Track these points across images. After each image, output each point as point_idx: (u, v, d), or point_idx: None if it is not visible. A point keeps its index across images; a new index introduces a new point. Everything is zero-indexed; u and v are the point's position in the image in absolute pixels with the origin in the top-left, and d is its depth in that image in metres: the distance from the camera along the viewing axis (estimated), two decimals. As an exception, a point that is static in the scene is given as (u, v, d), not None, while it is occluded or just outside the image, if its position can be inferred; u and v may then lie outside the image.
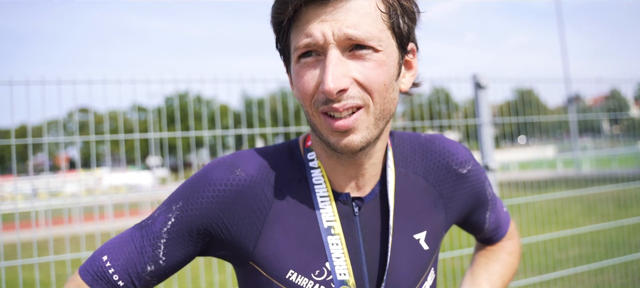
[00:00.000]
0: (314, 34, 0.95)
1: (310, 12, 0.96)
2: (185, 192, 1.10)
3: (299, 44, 0.98)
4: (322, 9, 0.95)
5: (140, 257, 1.07)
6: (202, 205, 1.07)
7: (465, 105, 7.68)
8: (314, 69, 0.99)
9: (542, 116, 4.37)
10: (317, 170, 1.13)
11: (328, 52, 0.96)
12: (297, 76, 1.01)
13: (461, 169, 1.24)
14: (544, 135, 5.83)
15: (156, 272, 1.08)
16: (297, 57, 1.00)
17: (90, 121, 3.47)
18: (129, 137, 3.01)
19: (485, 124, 3.45)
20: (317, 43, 0.96)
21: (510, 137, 5.52)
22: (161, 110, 29.73)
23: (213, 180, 1.09)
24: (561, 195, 4.73)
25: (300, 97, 1.02)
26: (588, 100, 34.74)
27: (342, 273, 1.06)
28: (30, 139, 2.78)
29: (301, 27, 0.97)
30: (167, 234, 1.07)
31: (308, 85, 0.99)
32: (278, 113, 3.36)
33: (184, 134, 3.10)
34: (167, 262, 1.08)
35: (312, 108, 1.01)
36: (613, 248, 6.57)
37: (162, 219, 1.09)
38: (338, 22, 0.95)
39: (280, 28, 1.02)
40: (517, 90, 6.00)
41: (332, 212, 1.10)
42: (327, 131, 1.01)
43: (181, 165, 3.47)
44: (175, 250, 1.08)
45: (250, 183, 1.09)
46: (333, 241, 1.08)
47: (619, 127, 13.47)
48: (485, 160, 3.46)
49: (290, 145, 1.20)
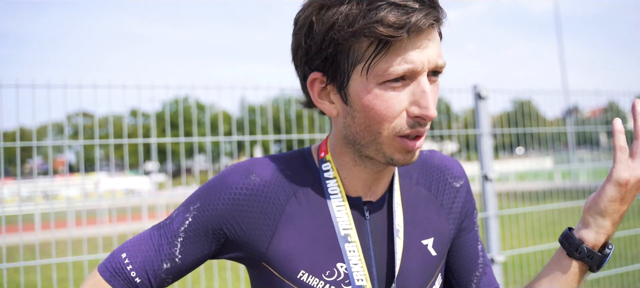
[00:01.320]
0: (415, 62, 0.98)
1: (408, 39, 0.98)
2: (203, 194, 1.15)
3: (396, 71, 0.98)
4: (419, 36, 0.99)
5: (158, 254, 1.12)
6: (218, 206, 1.12)
7: (465, 115, 7.73)
8: (400, 93, 1.01)
9: (540, 127, 4.40)
10: (332, 180, 1.16)
11: (421, 78, 1.01)
12: (378, 99, 1.01)
13: (455, 183, 1.30)
14: (542, 146, 5.86)
15: (172, 269, 1.13)
16: (384, 81, 1.00)
17: (81, 125, 3.49)
18: (118, 141, 3.02)
19: (485, 134, 3.49)
20: (415, 71, 0.99)
21: (509, 147, 5.56)
22: (159, 116, 29.46)
23: (229, 184, 1.14)
24: (558, 206, 4.76)
25: (376, 118, 1.02)
26: (586, 112, 34.81)
27: (360, 279, 1.10)
28: (19, 143, 2.79)
29: (398, 52, 0.98)
30: (184, 233, 1.12)
31: (394, 109, 1.01)
32: (280, 120, 3.38)
33: (175, 140, 3.11)
34: (183, 260, 1.13)
35: (388, 130, 1.03)
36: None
37: (180, 219, 1.14)
38: (430, 50, 1.00)
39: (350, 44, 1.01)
40: (516, 101, 6.05)
41: (348, 220, 1.14)
42: (397, 151, 1.05)
43: (183, 170, 3.49)
44: (191, 249, 1.13)
45: (263, 187, 1.14)
46: (350, 248, 1.12)
47: (616, 139, 13.51)
48: (484, 170, 3.49)
49: (303, 152, 1.24)
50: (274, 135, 3.31)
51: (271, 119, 3.63)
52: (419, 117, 1.01)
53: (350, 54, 1.02)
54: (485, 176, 3.47)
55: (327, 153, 1.19)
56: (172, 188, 4.57)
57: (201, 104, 45.43)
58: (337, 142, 1.17)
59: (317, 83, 1.10)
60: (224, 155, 5.10)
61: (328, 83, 1.08)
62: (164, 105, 33.30)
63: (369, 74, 1.01)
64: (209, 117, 28.06)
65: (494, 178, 3.48)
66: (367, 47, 0.99)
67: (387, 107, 1.01)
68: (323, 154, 1.20)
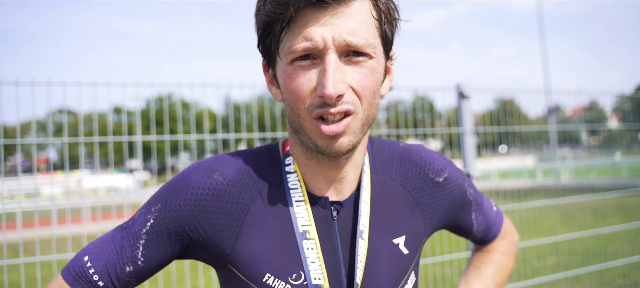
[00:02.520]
0: (314, 38, 0.95)
1: (309, 15, 0.95)
2: (164, 194, 1.12)
3: (296, 47, 0.97)
4: (322, 12, 0.95)
5: (120, 257, 1.08)
6: (179, 207, 1.08)
7: (448, 114, 7.80)
8: (309, 72, 0.98)
9: (522, 126, 4.46)
10: (293, 175, 1.13)
11: (327, 56, 0.96)
12: (289, 78, 1.00)
13: (437, 178, 1.26)
14: (525, 144, 5.94)
15: (134, 272, 1.09)
16: (291, 60, 0.99)
17: (65, 122, 3.45)
18: (103, 139, 3.01)
19: (468, 132, 3.52)
20: (317, 47, 0.96)
21: (492, 146, 5.63)
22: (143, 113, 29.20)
23: (190, 183, 1.10)
24: (540, 204, 4.82)
25: (292, 99, 1.01)
26: (568, 111, 35.22)
27: (317, 278, 1.07)
28: (2, 140, 2.77)
29: (298, 29, 0.96)
30: (146, 235, 1.09)
31: (302, 88, 0.99)
32: (265, 118, 3.38)
33: (160, 137, 3.11)
34: (146, 262, 1.10)
35: (304, 111, 1.01)
36: (590, 256, 6.71)
37: (141, 221, 1.11)
38: (338, 27, 0.95)
39: (270, 27, 1.02)
40: (499, 100, 6.11)
41: (307, 216, 1.10)
42: (317, 135, 1.01)
43: (169, 168, 3.48)
44: (154, 251, 1.09)
45: (227, 187, 1.10)
46: (308, 246, 1.08)
47: (597, 138, 13.70)
48: (467, 168, 3.53)
49: (270, 148, 1.21)
50: (259, 133, 3.31)
51: (256, 116, 3.63)
52: (321, 96, 0.97)
53: (272, 36, 1.02)
54: (468, 174, 3.51)
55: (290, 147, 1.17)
56: (155, 186, 4.54)
57: (186, 102, 45.11)
58: (290, 131, 1.14)
59: (264, 69, 1.13)
60: (209, 152, 5.08)
61: (268, 68, 1.10)
62: (148, 102, 33.02)
63: (281, 54, 1.01)
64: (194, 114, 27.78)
65: (476, 177, 3.52)
66: (278, 27, 1.00)
67: (296, 85, 0.99)
68: (288, 148, 1.17)
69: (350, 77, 0.99)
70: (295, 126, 1.05)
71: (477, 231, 1.40)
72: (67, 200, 3.50)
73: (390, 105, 9.28)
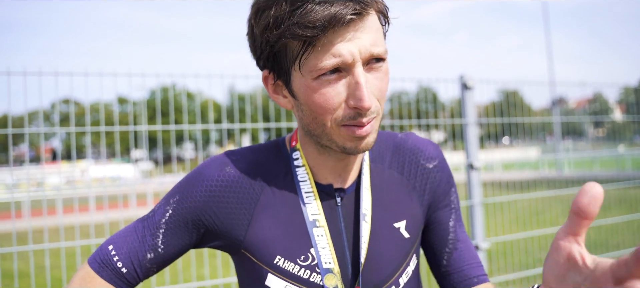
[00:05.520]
0: (343, 55, 1.00)
1: (334, 33, 1.00)
2: (182, 187, 1.21)
3: (325, 65, 1.01)
4: (346, 29, 1.00)
5: (142, 245, 1.18)
6: (195, 198, 1.18)
7: (451, 105, 7.80)
8: (337, 85, 1.03)
9: (526, 118, 4.47)
10: (301, 168, 1.22)
11: (356, 70, 1.02)
12: (315, 92, 1.04)
13: (428, 164, 1.31)
14: (528, 136, 5.94)
15: (155, 259, 1.19)
16: (318, 76, 1.03)
17: (72, 112, 3.48)
18: (109, 129, 3.04)
19: (471, 124, 3.55)
20: (346, 63, 1.01)
21: (495, 137, 5.63)
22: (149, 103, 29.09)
23: (205, 177, 1.20)
24: (542, 195, 4.85)
25: (318, 111, 1.06)
26: (572, 102, 35.14)
27: (328, 262, 1.15)
28: (10, 129, 2.81)
29: (324, 47, 1.00)
30: (165, 225, 1.18)
31: (332, 101, 1.04)
32: (269, 109, 3.42)
33: (165, 127, 3.14)
34: (165, 249, 1.19)
35: (332, 121, 1.06)
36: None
37: (161, 212, 1.20)
38: (361, 41, 1.01)
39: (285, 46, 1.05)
40: (503, 92, 6.12)
41: (316, 206, 1.19)
42: (346, 139, 1.08)
43: (174, 158, 3.52)
44: (173, 239, 1.19)
45: (238, 179, 1.20)
46: (318, 233, 1.17)
47: (601, 130, 13.67)
48: (470, 159, 3.55)
49: (277, 142, 1.29)
50: (263, 124, 3.34)
51: (260, 105, 3.65)
52: (355, 108, 1.03)
53: (288, 53, 1.06)
54: (471, 165, 3.53)
55: (297, 142, 1.24)
56: (161, 176, 4.59)
57: (191, 92, 45.12)
58: (301, 131, 1.22)
59: (269, 80, 1.15)
60: (214, 143, 5.13)
61: (276, 80, 1.13)
62: (152, 93, 33.09)
63: (303, 70, 1.04)
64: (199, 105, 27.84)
65: (479, 167, 3.55)
66: (297, 46, 1.03)
67: (325, 100, 1.04)
68: (294, 143, 1.25)
69: (373, 86, 1.06)
70: (316, 132, 1.11)
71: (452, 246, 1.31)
72: (74, 190, 3.54)
73: (393, 96, 9.30)
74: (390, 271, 1.20)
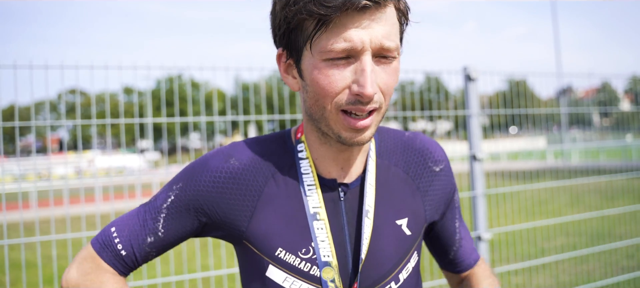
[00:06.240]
0: (354, 40, 1.02)
1: (349, 17, 1.01)
2: (186, 175, 1.23)
3: (335, 47, 1.02)
4: (361, 15, 1.02)
5: (142, 229, 1.21)
6: (198, 187, 1.20)
7: (455, 96, 7.78)
8: (344, 70, 1.05)
9: (531, 108, 4.45)
10: (305, 161, 1.22)
11: (363, 57, 1.04)
12: (322, 74, 1.06)
13: (435, 167, 1.34)
14: (536, 126, 5.92)
15: (155, 243, 1.21)
16: (328, 58, 1.05)
17: (78, 103, 3.50)
18: (117, 121, 3.05)
19: (474, 115, 3.55)
20: (355, 49, 1.02)
21: (503, 127, 5.61)
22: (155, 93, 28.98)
23: (210, 167, 1.21)
24: (547, 185, 4.84)
25: (321, 93, 1.07)
26: (579, 92, 34.88)
27: (326, 255, 1.17)
28: (17, 122, 2.82)
29: (337, 30, 1.02)
30: (167, 210, 1.20)
31: (336, 85, 1.05)
32: (273, 100, 3.42)
33: (170, 120, 3.15)
34: (165, 234, 1.21)
35: (332, 105, 1.08)
36: (596, 237, 6.74)
37: (163, 197, 1.22)
38: (374, 31, 1.03)
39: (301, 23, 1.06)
40: (511, 81, 6.11)
41: (317, 199, 1.20)
42: (342, 127, 1.10)
43: (179, 149, 3.54)
44: (173, 224, 1.21)
45: (242, 171, 1.21)
46: (318, 226, 1.18)
47: (608, 119, 13.57)
48: (473, 150, 3.56)
49: (283, 135, 1.30)
50: (268, 116, 3.36)
51: (264, 97, 3.67)
52: (357, 94, 1.04)
53: (302, 31, 1.07)
54: (474, 156, 3.54)
55: (302, 134, 1.26)
56: (166, 167, 4.62)
57: (196, 82, 45.11)
58: (304, 120, 1.24)
59: (282, 58, 1.17)
60: (219, 133, 5.13)
61: (288, 58, 1.15)
62: (158, 82, 33.19)
63: (314, 50, 1.06)
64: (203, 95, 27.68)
65: (482, 158, 3.55)
66: (311, 24, 1.05)
67: (329, 82, 1.06)
68: (299, 135, 1.26)
69: (379, 77, 1.07)
70: (316, 116, 1.13)
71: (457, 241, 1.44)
72: (81, 180, 3.58)
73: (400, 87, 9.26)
74: (390, 267, 1.22)
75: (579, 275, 6.23)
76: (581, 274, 6.25)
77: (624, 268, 6.11)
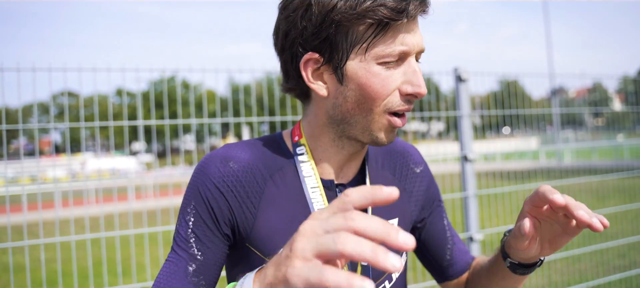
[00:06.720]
0: (409, 45, 1.08)
1: (401, 24, 1.07)
2: (192, 193, 1.19)
3: (392, 51, 1.07)
4: (412, 22, 1.09)
5: (179, 262, 1.14)
6: (209, 197, 1.16)
7: (446, 96, 7.78)
8: (394, 72, 1.10)
9: (524, 109, 4.44)
10: (307, 164, 1.21)
11: (411, 59, 1.11)
12: (376, 77, 1.09)
13: (416, 168, 1.40)
14: (528, 126, 5.93)
15: (198, 269, 1.15)
16: (382, 61, 1.08)
17: (66, 105, 3.46)
18: (104, 124, 3.02)
19: (465, 115, 3.54)
20: (409, 53, 1.09)
21: (495, 127, 5.62)
22: (146, 96, 28.84)
23: (210, 174, 1.17)
24: (536, 186, 4.84)
25: (372, 96, 1.10)
26: (571, 92, 35.11)
27: None
28: (4, 126, 2.78)
29: (393, 34, 1.07)
30: (193, 233, 1.16)
31: (388, 87, 1.10)
32: (263, 101, 3.41)
33: (159, 122, 3.13)
34: (204, 255, 1.15)
35: (381, 107, 1.11)
36: (589, 237, 6.74)
37: (184, 225, 1.17)
38: (418, 36, 1.11)
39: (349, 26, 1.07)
40: (502, 81, 6.11)
41: (322, 201, 1.19)
42: (384, 129, 1.14)
43: (168, 151, 3.52)
44: (206, 243, 1.16)
45: (243, 172, 1.18)
46: None
47: (601, 119, 13.64)
48: (464, 150, 3.55)
49: (275, 137, 1.29)
50: (257, 118, 3.34)
51: (255, 99, 3.65)
52: (411, 94, 1.10)
53: (349, 35, 1.08)
54: (465, 157, 3.53)
55: (301, 137, 1.24)
56: (157, 169, 4.59)
57: (188, 83, 44.96)
58: (316, 123, 1.21)
59: (311, 63, 1.13)
60: (211, 135, 5.09)
61: (323, 63, 1.12)
62: (153, 84, 33.06)
63: (368, 54, 1.08)
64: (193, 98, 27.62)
65: (473, 159, 3.54)
66: (366, 28, 1.06)
67: (383, 85, 1.08)
68: (297, 138, 1.25)
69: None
70: (351, 119, 1.14)
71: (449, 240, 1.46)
72: (72, 183, 3.54)
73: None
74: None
75: (572, 274, 6.25)
76: (574, 274, 6.26)
77: (616, 268, 6.12)
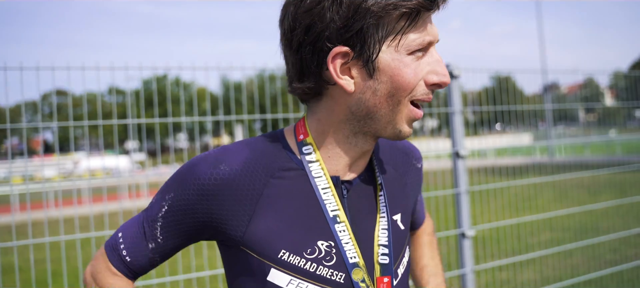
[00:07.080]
0: (434, 34, 1.12)
1: (427, 14, 1.10)
2: (175, 184, 1.18)
3: (423, 41, 1.09)
4: (435, 11, 1.11)
5: (143, 236, 1.20)
6: (189, 198, 1.15)
7: (438, 93, 7.80)
8: (420, 62, 1.11)
9: (516, 105, 4.43)
10: (315, 163, 1.18)
11: (433, 49, 1.14)
12: (408, 67, 1.09)
13: (417, 164, 1.44)
14: (521, 122, 5.95)
15: (156, 249, 1.20)
16: (412, 51, 1.09)
17: (55, 104, 3.44)
18: (94, 123, 3.01)
19: (457, 112, 3.54)
20: (433, 42, 1.12)
21: (488, 123, 5.62)
22: (139, 94, 28.88)
23: (197, 175, 1.15)
24: (534, 181, 4.85)
25: (403, 86, 1.10)
26: (564, 88, 35.28)
27: (353, 257, 1.15)
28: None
29: (422, 24, 1.09)
30: (162, 219, 1.18)
31: (418, 76, 1.11)
32: (254, 99, 3.39)
33: (150, 121, 3.11)
34: (165, 241, 1.19)
35: (407, 97, 1.12)
36: (582, 232, 6.78)
37: (157, 206, 1.19)
38: (436, 27, 1.13)
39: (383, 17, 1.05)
40: (495, 78, 6.13)
41: (335, 201, 1.17)
42: (407, 120, 1.15)
43: (159, 150, 3.49)
44: (171, 232, 1.19)
45: (235, 176, 1.14)
46: (340, 228, 1.16)
47: (593, 115, 13.69)
48: (456, 147, 3.55)
49: (276, 135, 1.25)
50: (249, 115, 3.32)
51: (245, 97, 3.63)
52: (436, 84, 1.13)
53: (381, 27, 1.06)
54: (457, 153, 3.53)
55: (307, 135, 1.20)
56: (153, 168, 4.57)
57: (179, 79, 44.74)
58: (329, 121, 1.18)
59: (339, 58, 1.09)
60: (205, 133, 5.08)
61: (353, 57, 1.08)
62: (146, 82, 32.88)
63: (400, 45, 1.08)
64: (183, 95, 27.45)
65: (465, 155, 3.55)
66: (397, 19, 1.06)
67: (414, 74, 1.10)
68: (302, 137, 1.21)
69: None
70: (380, 114, 1.13)
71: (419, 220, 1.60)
72: (61, 183, 3.52)
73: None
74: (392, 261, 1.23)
75: (564, 269, 6.28)
76: (566, 269, 6.29)
77: (608, 262, 6.15)
